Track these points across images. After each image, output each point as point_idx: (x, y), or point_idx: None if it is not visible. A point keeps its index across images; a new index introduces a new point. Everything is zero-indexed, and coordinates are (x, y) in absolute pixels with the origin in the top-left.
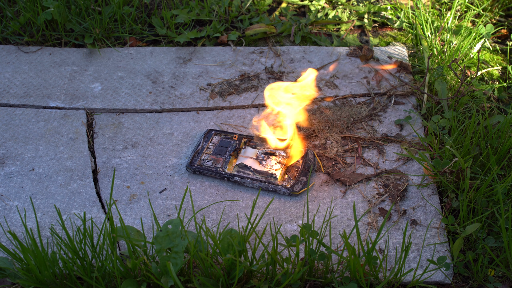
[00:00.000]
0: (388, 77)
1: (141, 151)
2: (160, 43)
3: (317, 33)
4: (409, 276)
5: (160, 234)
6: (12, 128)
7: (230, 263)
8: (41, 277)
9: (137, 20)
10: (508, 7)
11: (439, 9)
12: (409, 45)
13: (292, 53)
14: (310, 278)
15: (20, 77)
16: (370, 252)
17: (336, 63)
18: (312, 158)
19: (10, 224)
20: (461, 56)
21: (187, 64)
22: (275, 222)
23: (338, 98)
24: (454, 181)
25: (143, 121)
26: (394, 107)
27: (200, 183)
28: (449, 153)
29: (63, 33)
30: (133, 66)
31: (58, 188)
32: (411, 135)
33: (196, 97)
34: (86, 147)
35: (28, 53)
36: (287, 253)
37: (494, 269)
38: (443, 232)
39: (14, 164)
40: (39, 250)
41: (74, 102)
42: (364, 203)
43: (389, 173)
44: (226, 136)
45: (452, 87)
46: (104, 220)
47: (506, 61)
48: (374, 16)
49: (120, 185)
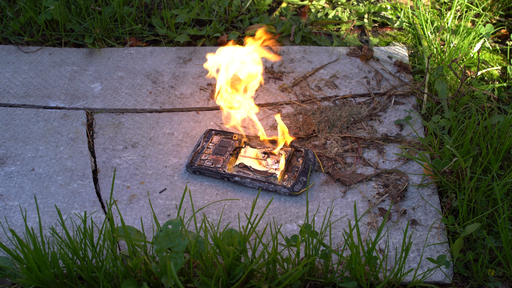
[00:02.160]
0: (388, 77)
1: (141, 151)
2: (160, 43)
3: (317, 33)
4: (409, 276)
5: (160, 234)
6: (12, 128)
7: (231, 262)
8: (42, 276)
9: (137, 20)
10: (508, 7)
11: (439, 9)
12: (409, 45)
13: (292, 53)
14: (310, 278)
15: (20, 77)
16: (370, 252)
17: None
18: (312, 158)
19: (10, 224)
20: (461, 56)
21: (187, 64)
22: (275, 222)
23: (338, 98)
24: (454, 181)
25: (143, 121)
26: (394, 107)
27: (200, 183)
28: (449, 153)
29: (63, 33)
30: (133, 66)
31: (58, 188)
32: (411, 135)
33: (196, 97)
34: (86, 147)
35: (28, 53)
36: (287, 253)
37: (494, 269)
38: (443, 232)
39: (14, 164)
40: (40, 249)
41: (74, 102)
42: (364, 203)
43: (389, 173)
44: (226, 136)
45: (452, 87)
46: (104, 220)
47: (506, 61)
48: (374, 16)
49: (120, 185)
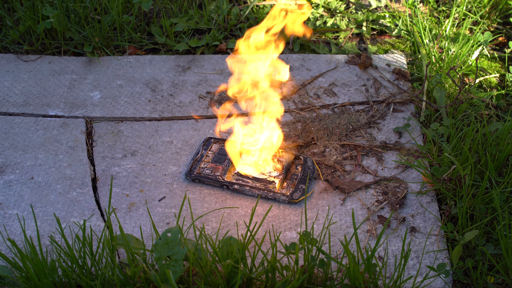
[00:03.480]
0: (386, 85)
1: (140, 159)
2: (159, 51)
3: (315, 41)
4: (409, 283)
5: (159, 242)
6: (11, 136)
7: (230, 270)
8: (41, 285)
9: (136, 28)
10: (506, 15)
11: (437, 17)
12: (408, 53)
13: (291, 61)
14: (310, 286)
15: (19, 86)
16: (370, 260)
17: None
18: (311, 166)
19: (9, 233)
20: (459, 63)
21: (186, 72)
22: (275, 229)
23: (337, 105)
24: (453, 188)
25: (142, 129)
26: (393, 114)
27: (199, 191)
28: (447, 160)
29: (63, 42)
30: (132, 75)
31: (57, 197)
32: (410, 143)
33: (195, 105)
34: (85, 156)
35: (27, 61)
36: (287, 261)
37: (494, 276)
38: (442, 239)
39: (13, 173)
40: (39, 258)
41: (74, 110)
42: (363, 210)
43: (388, 180)
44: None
45: (450, 95)
46: (103, 228)
47: (504, 68)
48: (373, 24)
49: (119, 193)
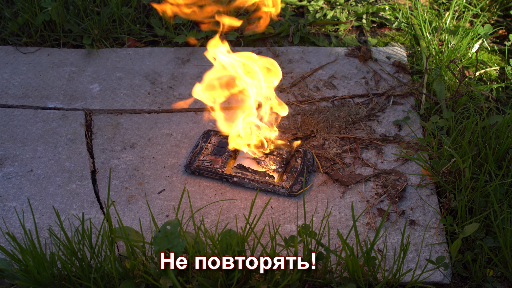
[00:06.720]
0: (386, 78)
1: (140, 151)
2: (158, 43)
3: (315, 34)
4: (408, 276)
5: (158, 235)
6: (10, 129)
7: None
8: (40, 278)
9: (136, 20)
10: (506, 7)
11: (437, 10)
12: (408, 46)
13: (291, 54)
14: (309, 279)
15: (18, 78)
16: (369, 253)
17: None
18: (310, 159)
19: (8, 225)
20: (459, 56)
21: (185, 64)
22: (274, 222)
23: (337, 98)
24: (452, 181)
25: (142, 121)
26: (393, 107)
27: (199, 184)
28: (447, 153)
29: (62, 34)
30: (132, 67)
31: (56, 189)
32: (409, 136)
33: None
34: (84, 148)
35: (26, 53)
36: (286, 254)
37: (493, 269)
38: (441, 232)
39: (12, 165)
40: (38, 251)
41: (73, 102)
42: (362, 203)
43: (387, 173)
44: (224, 137)
45: (450, 88)
46: (102, 221)
47: (504, 61)
48: (373, 16)
49: (119, 185)
